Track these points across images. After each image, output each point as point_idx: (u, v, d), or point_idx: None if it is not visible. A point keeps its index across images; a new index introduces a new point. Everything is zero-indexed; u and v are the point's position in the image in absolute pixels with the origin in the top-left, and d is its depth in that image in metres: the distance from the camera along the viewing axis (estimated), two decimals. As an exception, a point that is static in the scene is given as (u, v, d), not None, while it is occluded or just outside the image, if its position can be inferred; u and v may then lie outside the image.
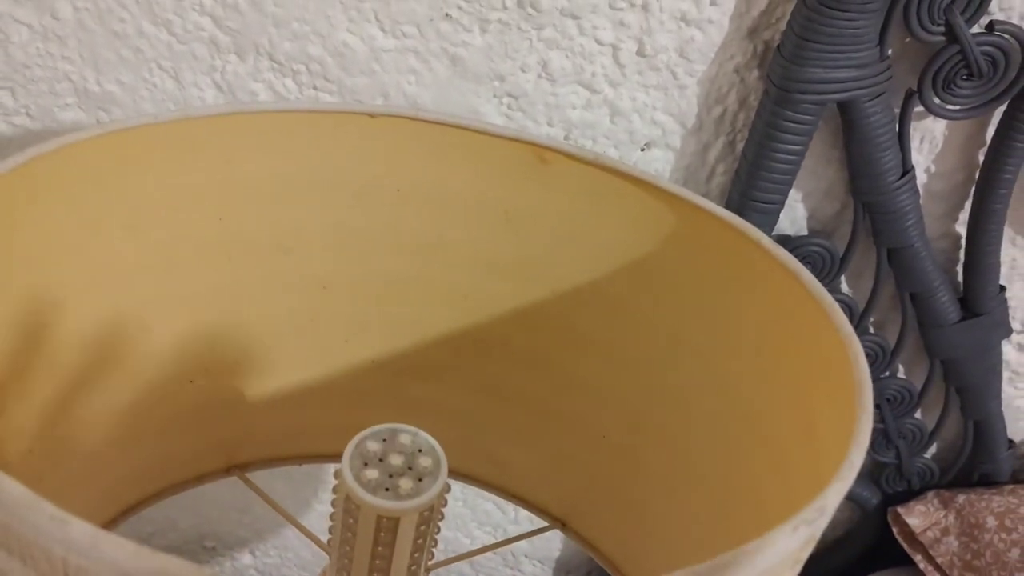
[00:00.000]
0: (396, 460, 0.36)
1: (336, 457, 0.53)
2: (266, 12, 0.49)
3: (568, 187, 0.41)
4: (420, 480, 0.36)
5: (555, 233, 0.43)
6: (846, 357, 0.31)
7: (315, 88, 0.52)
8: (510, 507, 0.78)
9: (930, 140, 0.56)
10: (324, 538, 0.56)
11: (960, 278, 0.62)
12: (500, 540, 0.57)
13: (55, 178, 0.35)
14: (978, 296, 0.61)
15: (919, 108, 0.52)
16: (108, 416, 0.43)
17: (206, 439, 0.48)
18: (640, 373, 0.43)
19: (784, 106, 0.50)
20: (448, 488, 0.36)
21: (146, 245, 0.40)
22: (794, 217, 0.59)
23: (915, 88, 0.52)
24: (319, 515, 0.77)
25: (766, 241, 0.36)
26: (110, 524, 0.46)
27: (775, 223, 0.55)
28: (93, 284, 0.39)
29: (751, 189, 0.53)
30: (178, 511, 0.78)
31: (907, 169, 0.54)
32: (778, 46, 0.50)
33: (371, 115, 0.40)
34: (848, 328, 0.32)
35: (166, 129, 0.37)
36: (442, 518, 0.38)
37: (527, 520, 0.79)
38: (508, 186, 0.42)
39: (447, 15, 0.50)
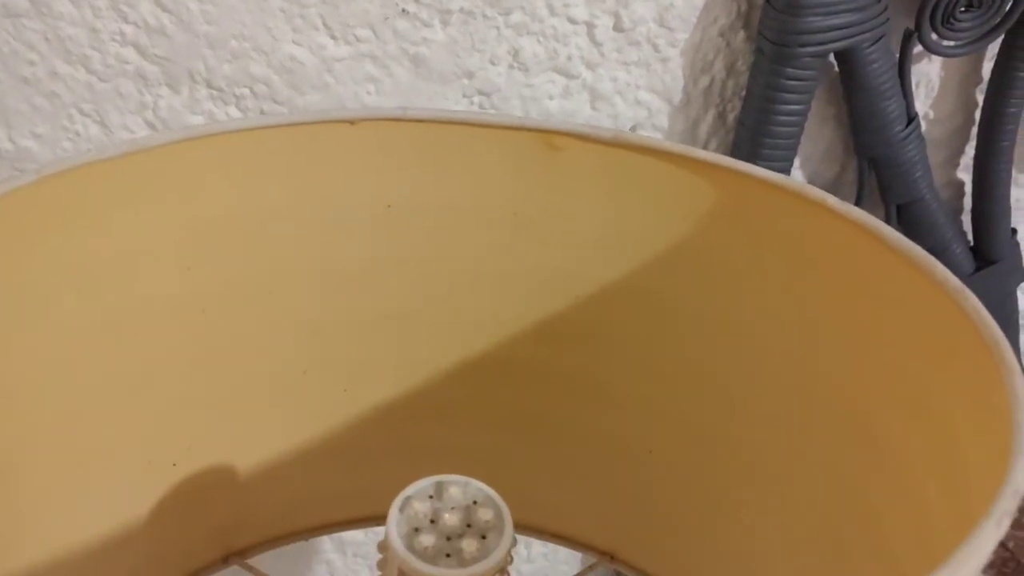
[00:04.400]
0: (452, 519, 0.30)
1: (346, 524, 0.46)
2: (198, 32, 0.43)
3: (585, 174, 0.36)
4: (484, 538, 0.30)
5: (574, 230, 0.38)
6: (991, 363, 0.25)
7: (263, 112, 0.46)
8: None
9: (926, 84, 0.53)
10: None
11: (968, 226, 0.59)
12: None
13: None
14: (990, 242, 0.57)
15: (917, 49, 0.49)
16: (86, 518, 0.36)
17: (198, 529, 0.41)
18: (694, 381, 0.38)
19: (783, 63, 0.46)
20: (515, 541, 0.31)
21: (98, 312, 0.33)
22: (793, 186, 0.55)
23: (913, 27, 0.48)
24: (315, 590, 0.70)
25: (858, 213, 0.32)
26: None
27: (782, 193, 0.51)
28: (39, 369, 0.32)
29: (755, 159, 0.49)
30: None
31: (911, 117, 0.50)
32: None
33: (351, 121, 0.34)
34: (995, 330, 0.26)
35: (109, 168, 0.31)
36: (507, 577, 0.32)
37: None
38: (515, 184, 0.37)
39: (403, 11, 0.44)
